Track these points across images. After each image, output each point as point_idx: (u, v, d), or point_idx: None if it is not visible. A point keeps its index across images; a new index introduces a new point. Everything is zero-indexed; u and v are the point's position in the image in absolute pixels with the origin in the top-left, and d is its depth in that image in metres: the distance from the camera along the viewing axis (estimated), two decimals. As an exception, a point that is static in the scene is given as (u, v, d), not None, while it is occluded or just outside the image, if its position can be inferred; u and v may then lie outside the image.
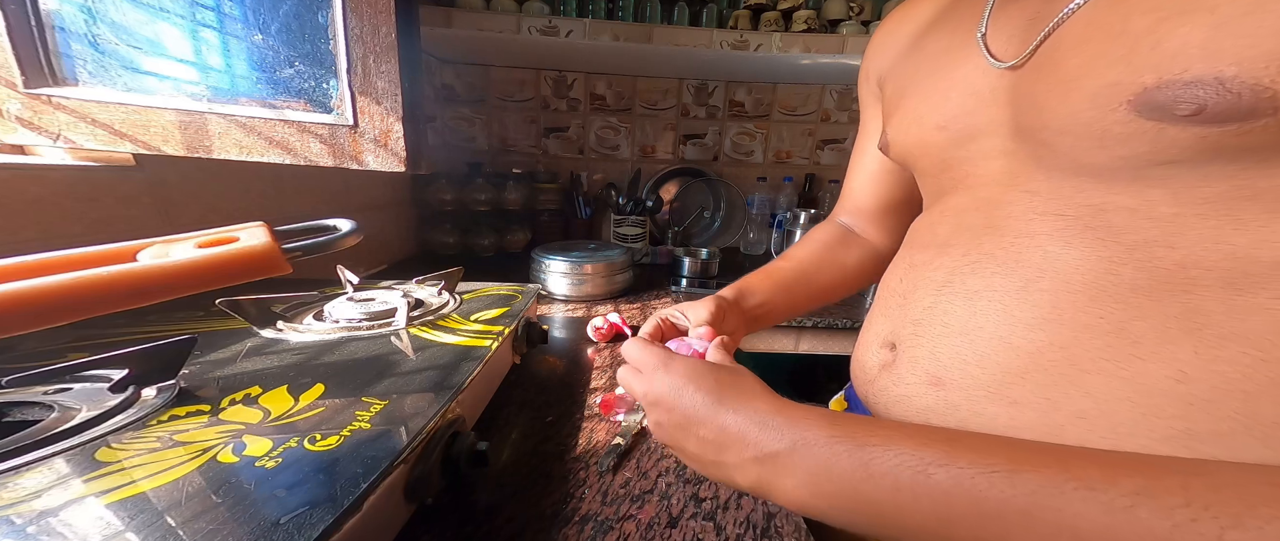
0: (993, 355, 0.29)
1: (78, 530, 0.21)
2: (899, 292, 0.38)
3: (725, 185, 1.39)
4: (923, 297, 0.35)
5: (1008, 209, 0.31)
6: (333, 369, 0.37)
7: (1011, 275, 0.30)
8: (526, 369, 0.55)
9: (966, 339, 0.31)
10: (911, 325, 0.35)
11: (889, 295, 0.40)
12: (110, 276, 0.27)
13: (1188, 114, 0.22)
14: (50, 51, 0.44)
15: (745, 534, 0.32)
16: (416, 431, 0.29)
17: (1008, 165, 0.32)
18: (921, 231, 0.40)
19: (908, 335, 0.35)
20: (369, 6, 0.42)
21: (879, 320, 0.40)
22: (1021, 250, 0.30)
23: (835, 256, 0.54)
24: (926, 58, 0.40)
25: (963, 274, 0.33)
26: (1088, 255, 0.27)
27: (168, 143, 0.46)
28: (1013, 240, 0.30)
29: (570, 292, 0.86)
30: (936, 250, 0.36)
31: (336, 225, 0.37)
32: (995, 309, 0.30)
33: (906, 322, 0.36)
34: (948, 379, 0.32)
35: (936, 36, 0.40)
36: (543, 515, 0.33)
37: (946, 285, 0.33)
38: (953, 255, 0.34)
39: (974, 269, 0.32)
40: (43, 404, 0.30)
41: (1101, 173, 0.27)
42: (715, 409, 0.28)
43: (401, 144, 0.45)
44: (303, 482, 0.24)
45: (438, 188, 1.16)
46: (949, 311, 0.33)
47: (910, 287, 0.37)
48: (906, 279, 0.38)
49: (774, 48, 1.04)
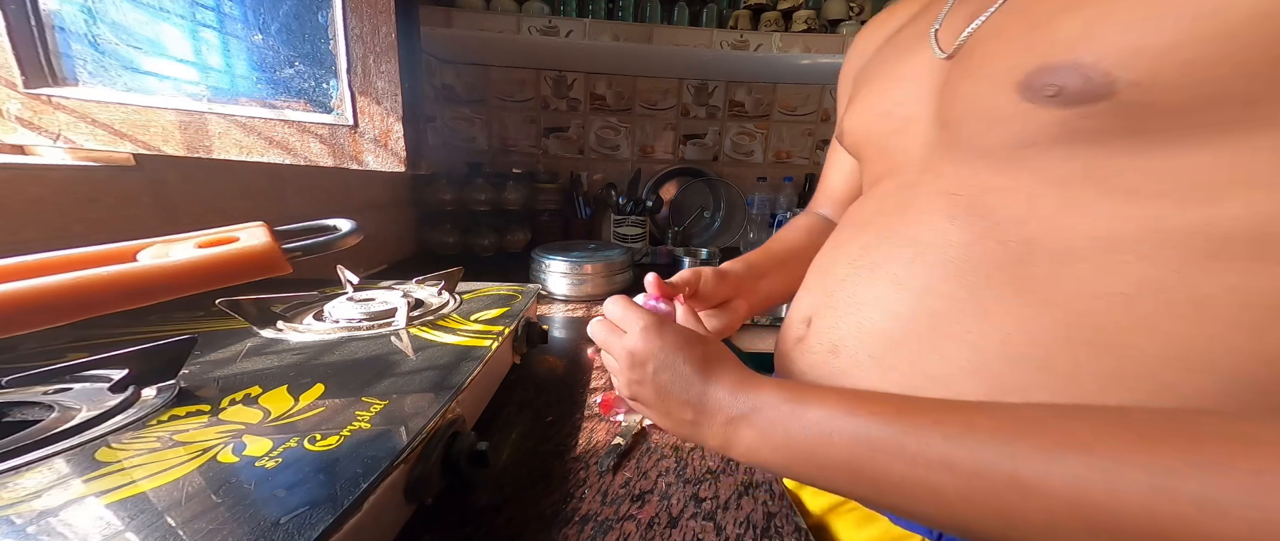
0: (880, 324, 0.32)
1: (78, 530, 0.21)
2: (820, 270, 0.41)
3: (725, 185, 1.39)
4: (837, 272, 0.37)
5: (918, 190, 0.34)
6: (333, 369, 0.37)
7: (904, 250, 0.32)
8: (526, 369, 0.55)
9: (864, 310, 0.33)
10: (825, 297, 0.37)
11: (812, 273, 0.42)
12: (110, 276, 0.27)
13: (1050, 95, 0.25)
14: (50, 51, 0.44)
15: (745, 534, 0.32)
16: (416, 431, 0.29)
17: (927, 150, 0.34)
18: (851, 213, 0.42)
19: (822, 308, 0.37)
20: (369, 6, 0.42)
21: (802, 296, 0.42)
22: (917, 227, 0.32)
23: (816, 244, 0.55)
24: (891, 52, 0.42)
25: (871, 250, 0.35)
26: (964, 231, 0.29)
27: (168, 143, 0.46)
28: (914, 218, 0.33)
29: (570, 292, 0.86)
30: (856, 229, 0.38)
31: (336, 225, 0.37)
32: (888, 281, 0.32)
33: (822, 296, 0.38)
34: (843, 348, 0.34)
35: (903, 34, 0.42)
36: (543, 515, 0.33)
37: (856, 261, 0.36)
38: (867, 233, 0.36)
39: (879, 245, 0.34)
40: (43, 404, 0.30)
41: (991, 154, 0.29)
42: (702, 380, 0.29)
43: (401, 144, 0.45)
44: (303, 482, 0.24)
45: (438, 188, 1.16)
46: (856, 285, 0.35)
47: (829, 265, 0.39)
48: (827, 256, 0.40)
49: (774, 48, 1.04)
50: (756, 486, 0.37)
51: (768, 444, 0.26)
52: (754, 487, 0.37)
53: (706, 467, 0.39)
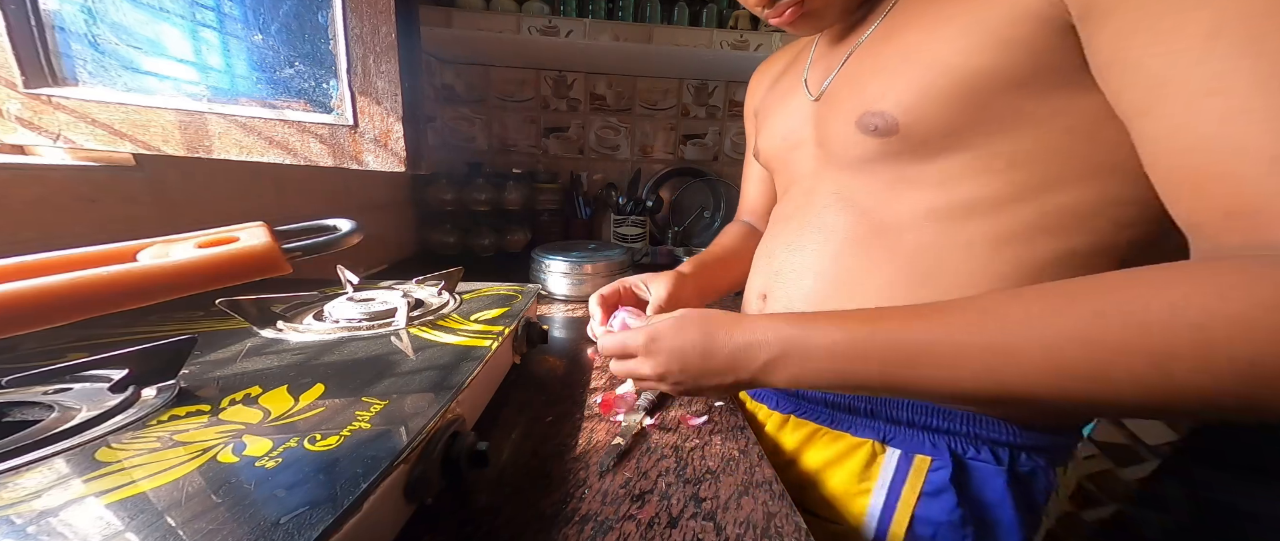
0: (814, 286, 0.46)
1: (78, 530, 0.21)
2: (765, 255, 0.54)
3: (725, 185, 1.39)
4: (778, 254, 0.51)
5: (814, 192, 0.48)
6: (333, 369, 0.37)
7: (818, 233, 0.47)
8: (526, 369, 0.55)
9: (802, 279, 0.47)
10: (775, 275, 0.51)
11: (758, 259, 0.56)
12: (110, 276, 0.27)
13: (871, 130, 0.40)
14: (50, 51, 0.44)
15: (745, 534, 0.32)
16: (416, 431, 0.29)
17: (815, 164, 0.50)
18: (776, 213, 0.57)
19: (774, 284, 0.51)
20: (369, 6, 0.42)
21: (754, 278, 0.56)
22: (821, 217, 0.47)
23: (750, 245, 0.68)
24: (778, 92, 0.58)
25: (798, 234, 0.49)
26: (846, 218, 0.44)
27: (168, 143, 0.46)
28: (818, 211, 0.47)
29: (570, 292, 0.86)
30: (783, 224, 0.53)
31: (336, 225, 0.37)
32: (814, 255, 0.46)
33: (771, 274, 0.51)
34: (794, 307, 0.48)
35: (784, 78, 0.58)
36: (543, 515, 0.33)
37: (790, 244, 0.50)
38: (791, 226, 0.51)
39: (802, 230, 0.49)
40: (43, 404, 0.30)
41: (850, 166, 0.44)
42: (717, 351, 0.37)
43: (401, 144, 0.45)
44: (303, 482, 0.24)
45: (438, 188, 1.16)
46: (794, 261, 0.48)
47: (771, 250, 0.53)
48: (767, 246, 0.55)
49: (774, 48, 1.04)
50: (756, 486, 0.37)
51: (808, 371, 0.34)
52: (754, 487, 0.37)
53: (706, 467, 0.39)
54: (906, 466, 0.43)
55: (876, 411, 0.44)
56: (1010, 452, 0.41)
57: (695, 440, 0.43)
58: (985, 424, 0.41)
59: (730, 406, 0.49)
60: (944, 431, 0.42)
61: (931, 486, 0.42)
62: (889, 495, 0.43)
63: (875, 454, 0.44)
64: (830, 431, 0.47)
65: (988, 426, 0.41)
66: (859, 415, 0.45)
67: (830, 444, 0.47)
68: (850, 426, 0.45)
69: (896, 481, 0.43)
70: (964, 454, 0.42)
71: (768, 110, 0.58)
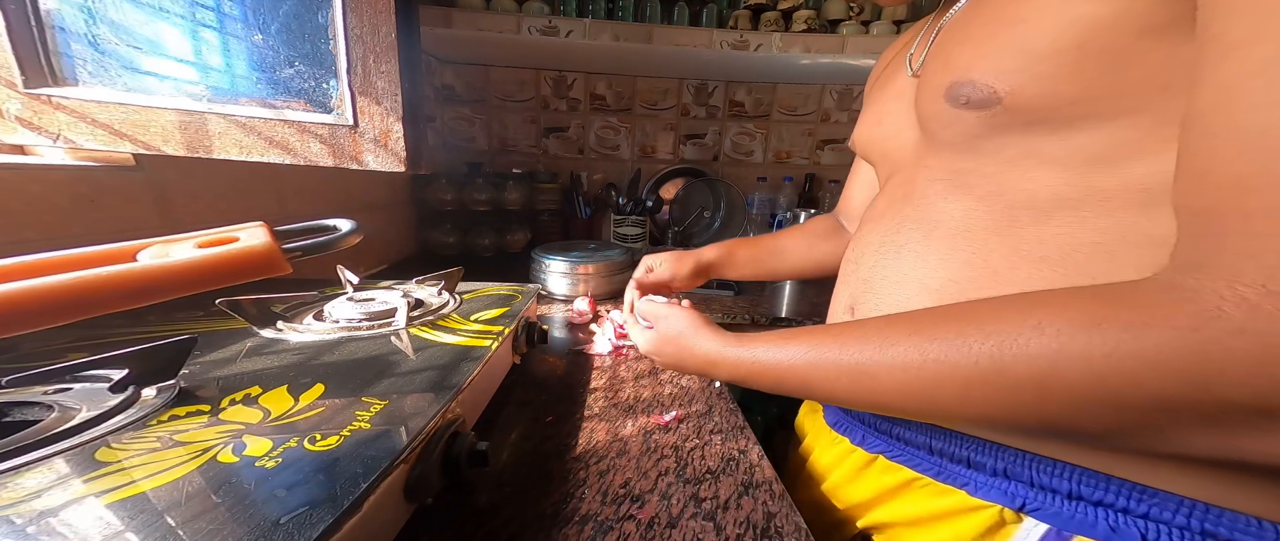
0: (915, 298, 0.37)
1: (78, 530, 0.21)
2: (852, 261, 0.47)
3: (725, 185, 1.39)
4: (867, 259, 0.43)
5: (915, 180, 0.41)
6: (333, 369, 0.37)
7: (919, 228, 0.38)
8: (526, 369, 0.55)
9: (899, 287, 0.39)
10: (863, 284, 0.43)
11: (846, 265, 0.48)
12: (110, 276, 0.27)
13: (963, 103, 0.33)
14: (50, 51, 0.44)
15: (745, 534, 0.32)
16: (416, 431, 0.29)
17: (915, 149, 0.42)
18: (868, 211, 0.49)
19: (862, 293, 0.43)
20: (369, 6, 0.42)
21: (841, 288, 0.48)
22: (925, 209, 0.38)
23: (812, 244, 0.68)
24: (883, 76, 0.52)
25: (892, 234, 0.41)
26: (959, 205, 0.36)
27: (168, 143, 0.46)
28: (919, 202, 0.39)
29: (570, 292, 0.86)
30: (874, 222, 0.45)
31: (336, 225, 0.37)
32: (914, 258, 0.38)
33: (859, 282, 0.44)
34: None
35: (893, 61, 0.52)
36: (543, 515, 0.33)
37: (883, 245, 0.42)
38: (885, 223, 0.43)
39: (898, 228, 0.40)
40: (43, 404, 0.30)
41: (951, 145, 0.36)
42: (695, 341, 0.41)
43: (401, 144, 0.45)
44: (303, 482, 0.24)
45: (438, 188, 1.16)
46: (887, 266, 0.41)
47: (859, 254, 0.45)
48: (855, 251, 0.47)
49: (774, 48, 1.04)
50: (756, 486, 0.37)
51: (735, 375, 0.38)
52: (754, 487, 0.37)
53: (706, 467, 0.39)
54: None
55: (1012, 472, 0.33)
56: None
57: (695, 440, 0.43)
58: (1222, 519, 0.26)
59: (731, 406, 0.49)
60: (1136, 514, 0.29)
61: None
62: None
63: (1003, 522, 0.33)
64: (935, 484, 0.37)
65: (1228, 522, 0.26)
66: (983, 471, 0.34)
67: (933, 498, 0.37)
68: (967, 483, 0.35)
69: None
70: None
71: (871, 95, 0.53)
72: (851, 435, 0.44)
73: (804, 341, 0.33)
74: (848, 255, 0.48)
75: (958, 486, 0.35)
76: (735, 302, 0.94)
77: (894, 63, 0.50)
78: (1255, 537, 0.26)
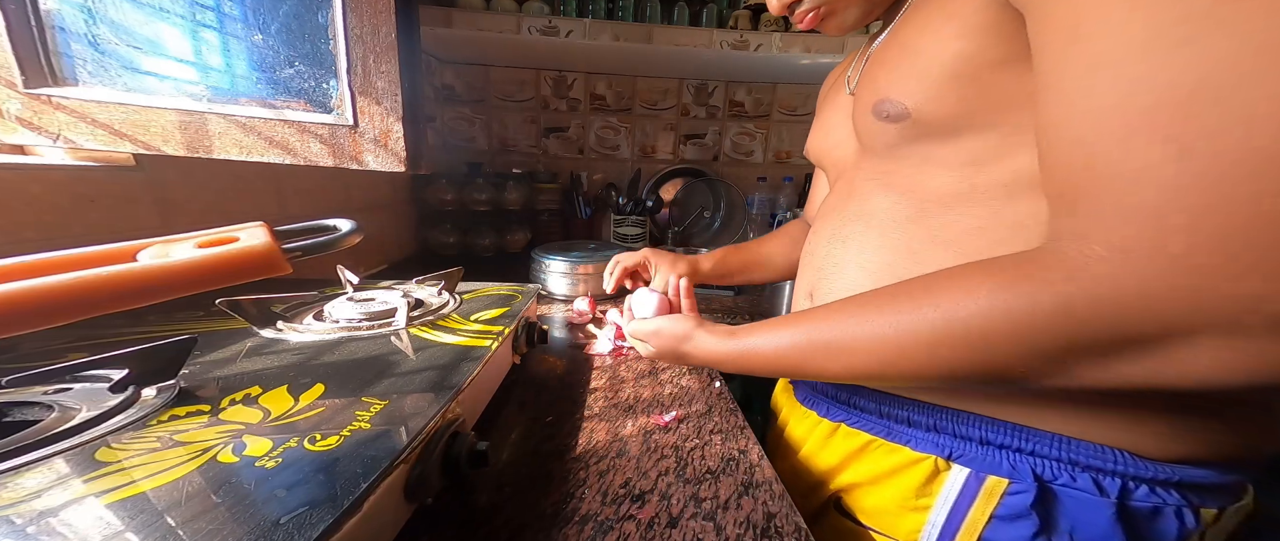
0: (859, 280, 0.44)
1: (78, 530, 0.21)
2: (809, 253, 0.54)
3: (725, 185, 1.38)
4: (820, 250, 0.50)
5: (855, 181, 0.48)
6: (333, 369, 0.37)
7: (859, 222, 0.46)
8: (526, 369, 0.55)
9: (846, 271, 0.46)
10: (817, 272, 0.50)
11: (805, 257, 0.55)
12: (110, 276, 0.27)
13: (885, 116, 0.41)
14: (50, 51, 0.44)
15: (745, 534, 0.32)
16: (416, 431, 0.29)
17: (854, 155, 0.50)
18: (821, 209, 0.56)
19: (819, 281, 0.50)
20: (369, 6, 0.42)
21: (801, 276, 0.56)
22: (862, 204, 0.46)
23: (792, 248, 0.76)
24: (830, 93, 0.61)
25: (839, 226, 0.48)
26: (887, 200, 0.43)
27: (168, 143, 0.46)
28: (860, 199, 0.46)
29: (570, 292, 0.86)
30: (825, 218, 0.52)
31: (336, 225, 0.37)
32: (856, 246, 0.45)
33: (814, 271, 0.51)
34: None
35: (839, 80, 0.60)
36: (543, 515, 0.33)
37: (833, 237, 0.49)
38: (832, 219, 0.50)
39: (843, 222, 0.48)
40: (43, 404, 0.30)
41: (878, 151, 0.44)
42: (695, 344, 0.47)
43: (401, 144, 0.45)
44: (303, 482, 0.24)
45: (438, 188, 1.16)
46: (837, 255, 0.47)
47: (814, 247, 0.52)
48: (811, 241, 0.54)
49: (774, 48, 1.04)
50: (756, 486, 0.37)
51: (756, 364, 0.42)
52: (754, 487, 0.37)
53: (706, 467, 0.39)
54: (976, 486, 0.38)
55: (940, 426, 0.40)
56: (1120, 483, 0.35)
57: (695, 440, 0.43)
58: (1082, 448, 0.35)
59: (731, 406, 0.49)
60: (1027, 452, 0.37)
61: (1007, 510, 0.37)
62: (952, 514, 0.39)
63: (938, 470, 0.40)
64: (886, 443, 0.43)
65: (1085, 451, 0.35)
66: (919, 428, 0.42)
67: (885, 457, 0.43)
68: (909, 440, 0.42)
69: (961, 501, 0.39)
70: (1052, 479, 0.36)
71: (820, 110, 0.63)
72: (817, 408, 0.50)
73: (790, 327, 0.39)
74: (805, 248, 0.56)
75: (903, 443, 0.42)
76: (736, 302, 0.95)
77: (837, 82, 0.60)
78: (1100, 459, 0.35)
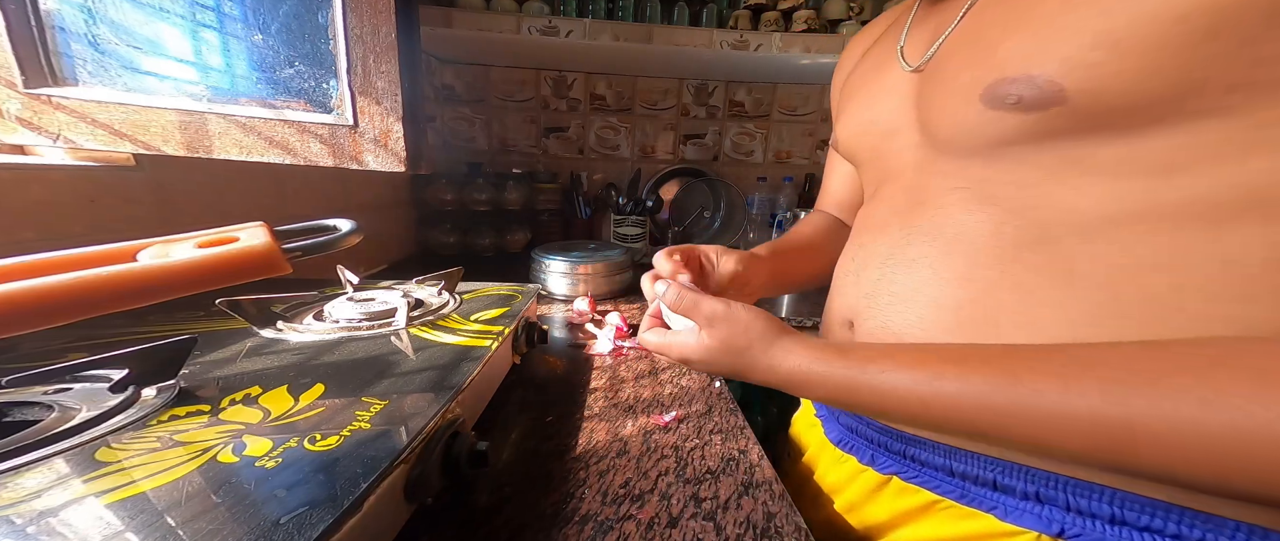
0: (929, 316, 0.34)
1: (78, 530, 0.21)
2: (851, 272, 0.43)
3: (725, 185, 1.38)
4: (871, 273, 0.40)
5: (926, 189, 0.37)
6: (333, 369, 0.37)
7: (936, 242, 0.35)
8: (526, 369, 0.55)
9: (909, 304, 0.36)
10: (865, 299, 0.40)
11: (842, 276, 0.45)
12: (110, 276, 0.27)
13: (1011, 104, 0.29)
14: (50, 51, 0.44)
15: (745, 534, 0.32)
16: (416, 431, 0.29)
17: (918, 154, 0.38)
18: (864, 218, 0.45)
19: (862, 308, 0.40)
20: (369, 6, 0.42)
21: (836, 300, 0.45)
22: (940, 221, 0.35)
23: (837, 236, 0.59)
24: (867, 67, 0.47)
25: (901, 247, 0.37)
26: (984, 218, 0.32)
27: (168, 143, 0.46)
28: (933, 213, 0.36)
29: (570, 292, 0.86)
30: (877, 231, 0.41)
31: (336, 225, 0.37)
32: (927, 273, 0.35)
33: (860, 297, 0.40)
34: (900, 340, 0.36)
35: (876, 50, 0.47)
36: (543, 515, 0.33)
37: (889, 258, 0.38)
38: (891, 233, 0.39)
39: (908, 240, 0.37)
40: (43, 404, 0.30)
41: (977, 152, 0.33)
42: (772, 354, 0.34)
43: (401, 144, 0.45)
44: (303, 482, 0.24)
45: (438, 188, 1.16)
46: (893, 280, 0.37)
47: (861, 266, 0.42)
48: (856, 259, 0.43)
49: (774, 48, 1.04)
50: (756, 486, 0.37)
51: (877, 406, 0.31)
52: (754, 487, 0.37)
53: (706, 467, 0.39)
54: None
55: (1046, 496, 0.30)
56: None
57: (695, 440, 0.43)
58: (1263, 538, 0.25)
59: (731, 406, 0.49)
60: (1182, 539, 0.26)
61: None
62: None
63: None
64: (958, 506, 0.34)
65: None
66: (1012, 495, 0.32)
67: (957, 522, 0.34)
68: (994, 506, 0.32)
69: None
70: None
71: (852, 90, 0.48)
72: (859, 454, 0.41)
73: (958, 366, 0.27)
74: (844, 265, 0.44)
75: (985, 510, 0.33)
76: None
77: (878, 53, 0.46)
78: None
